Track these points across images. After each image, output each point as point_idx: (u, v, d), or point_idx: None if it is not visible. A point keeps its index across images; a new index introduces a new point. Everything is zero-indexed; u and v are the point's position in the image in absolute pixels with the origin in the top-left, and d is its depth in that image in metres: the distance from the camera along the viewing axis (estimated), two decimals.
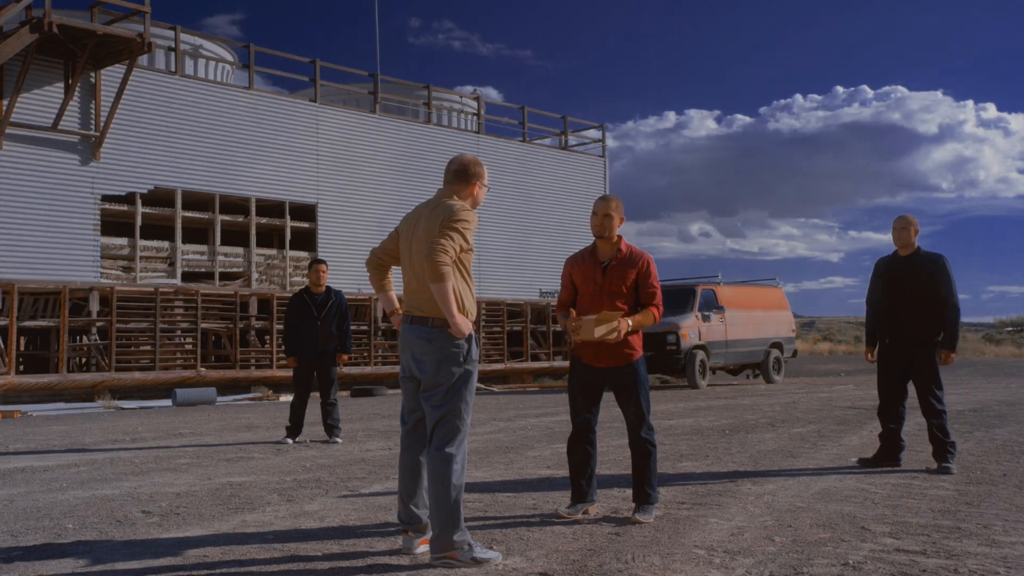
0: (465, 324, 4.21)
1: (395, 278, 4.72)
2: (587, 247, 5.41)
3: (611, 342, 5.08)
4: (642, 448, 5.17)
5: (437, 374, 4.23)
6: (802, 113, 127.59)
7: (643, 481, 5.16)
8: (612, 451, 8.17)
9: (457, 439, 4.23)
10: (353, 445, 9.10)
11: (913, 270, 7.00)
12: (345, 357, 9.66)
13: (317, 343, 9.45)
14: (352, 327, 22.01)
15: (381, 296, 4.63)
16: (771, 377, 21.03)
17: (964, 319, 7.45)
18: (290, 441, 9.39)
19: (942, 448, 6.82)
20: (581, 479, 5.25)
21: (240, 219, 21.47)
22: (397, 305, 4.60)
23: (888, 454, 7.04)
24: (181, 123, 20.35)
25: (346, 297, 9.95)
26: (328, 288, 9.64)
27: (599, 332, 4.97)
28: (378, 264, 4.59)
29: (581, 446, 5.27)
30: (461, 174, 4.43)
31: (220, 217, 21.03)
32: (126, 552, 4.48)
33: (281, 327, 21.11)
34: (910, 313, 6.96)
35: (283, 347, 9.76)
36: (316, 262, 9.68)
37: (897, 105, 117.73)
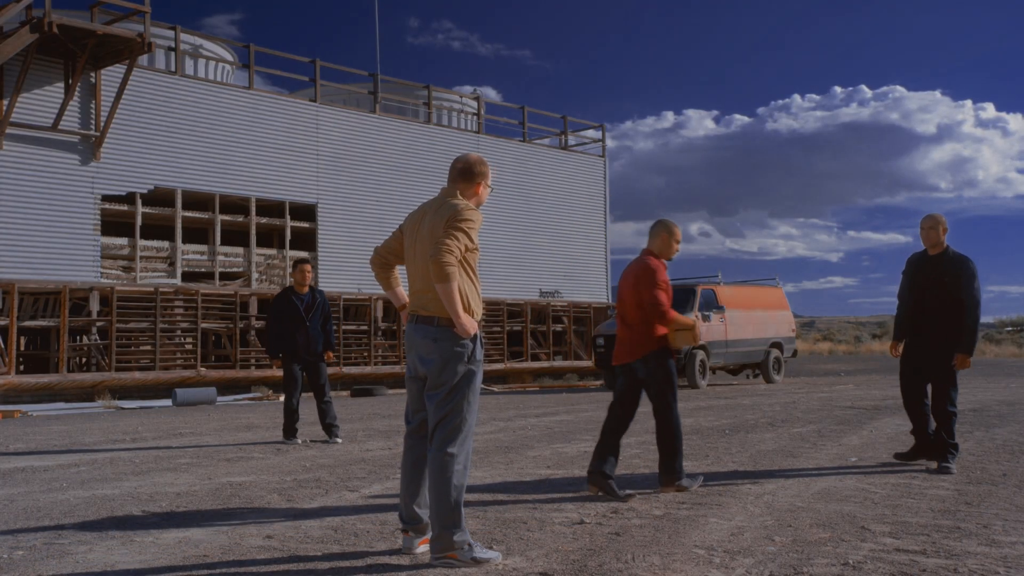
0: (471, 324, 4.21)
1: (402, 275, 4.73)
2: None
3: None
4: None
5: (442, 373, 4.23)
6: (800, 113, 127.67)
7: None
8: None
9: (459, 439, 4.22)
10: (353, 445, 9.10)
11: (940, 270, 6.97)
12: (331, 355, 9.79)
13: (309, 343, 9.53)
14: (352, 327, 22.17)
15: (389, 293, 4.63)
16: (771, 377, 21.03)
17: None
18: (294, 442, 9.39)
19: (944, 448, 6.83)
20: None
21: (240, 219, 21.47)
22: (406, 301, 4.59)
23: (923, 449, 7.02)
24: (181, 123, 20.35)
25: (346, 297, 10.14)
26: (311, 288, 9.81)
27: None
28: (382, 263, 4.58)
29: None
30: (466, 173, 4.43)
31: (220, 217, 21.03)
32: (126, 552, 4.48)
33: None
34: (934, 313, 6.94)
35: (266, 348, 9.79)
36: (302, 262, 9.83)
37: (895, 105, 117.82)
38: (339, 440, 9.39)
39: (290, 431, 9.48)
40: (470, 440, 4.29)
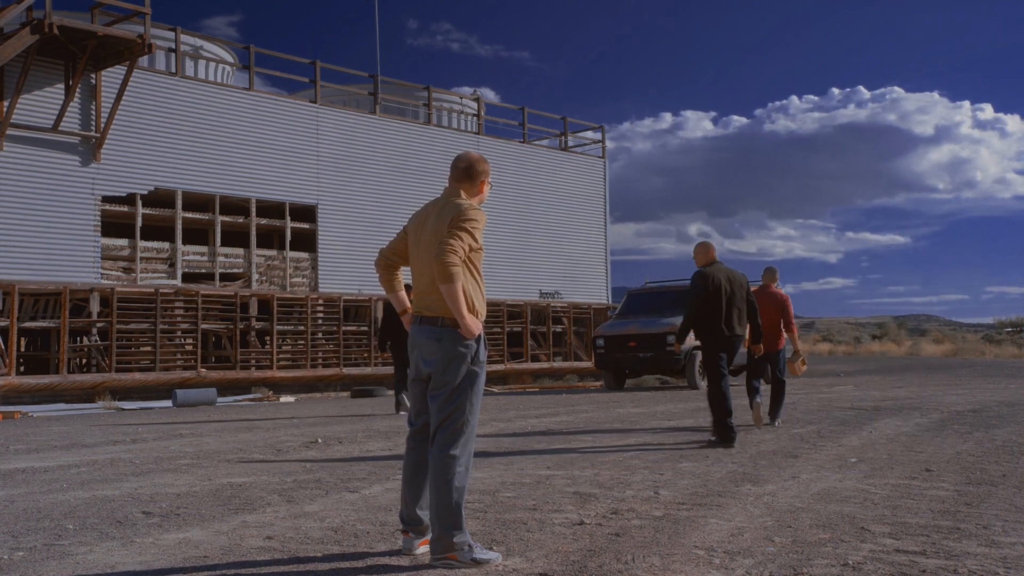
0: (475, 324, 4.19)
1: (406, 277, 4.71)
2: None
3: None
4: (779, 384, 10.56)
5: (444, 374, 4.21)
6: (798, 115, 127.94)
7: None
8: (611, 451, 8.17)
9: (461, 440, 4.20)
10: (353, 446, 9.10)
11: None
12: None
13: None
14: (352, 328, 22.18)
15: (391, 296, 4.60)
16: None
17: (964, 319, 7.84)
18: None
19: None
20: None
21: (240, 220, 21.48)
22: (408, 305, 4.57)
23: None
24: (181, 124, 20.36)
25: (346, 298, 10.48)
26: None
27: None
28: (387, 264, 4.55)
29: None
30: (470, 172, 4.41)
31: (220, 218, 21.04)
32: (126, 553, 4.49)
33: (280, 328, 21.15)
34: None
35: None
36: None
37: (893, 106, 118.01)
38: None
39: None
40: (472, 442, 4.28)
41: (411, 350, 4.38)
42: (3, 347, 17.37)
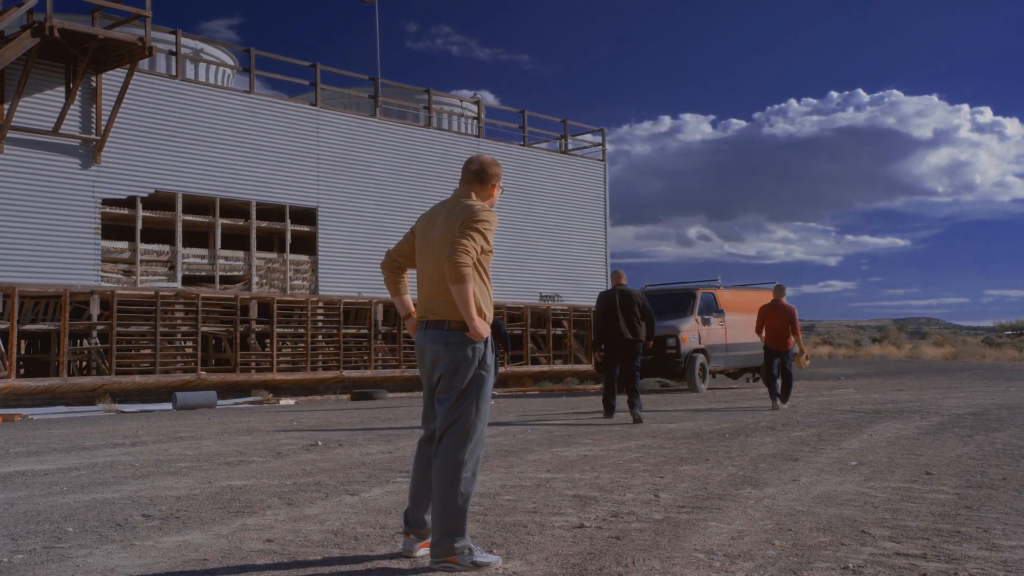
0: (483, 327, 4.13)
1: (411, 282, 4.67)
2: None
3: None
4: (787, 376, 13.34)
5: (453, 378, 4.16)
6: (797, 118, 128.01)
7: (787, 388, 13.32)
8: (611, 454, 8.17)
9: (469, 445, 4.15)
10: (353, 448, 9.10)
11: None
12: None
13: None
14: (352, 331, 22.19)
15: (396, 300, 4.51)
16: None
17: (963, 322, 7.87)
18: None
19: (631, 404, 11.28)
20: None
21: (241, 223, 21.49)
22: (412, 309, 4.49)
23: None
24: (182, 127, 20.38)
25: (346, 301, 10.31)
26: None
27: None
28: (394, 267, 4.49)
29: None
30: (481, 174, 4.35)
31: (220, 221, 21.05)
32: (126, 556, 4.48)
33: (280, 331, 21.15)
34: None
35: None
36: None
37: (892, 109, 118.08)
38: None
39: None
40: (480, 447, 4.22)
41: (419, 356, 4.33)
42: (3, 350, 17.37)
